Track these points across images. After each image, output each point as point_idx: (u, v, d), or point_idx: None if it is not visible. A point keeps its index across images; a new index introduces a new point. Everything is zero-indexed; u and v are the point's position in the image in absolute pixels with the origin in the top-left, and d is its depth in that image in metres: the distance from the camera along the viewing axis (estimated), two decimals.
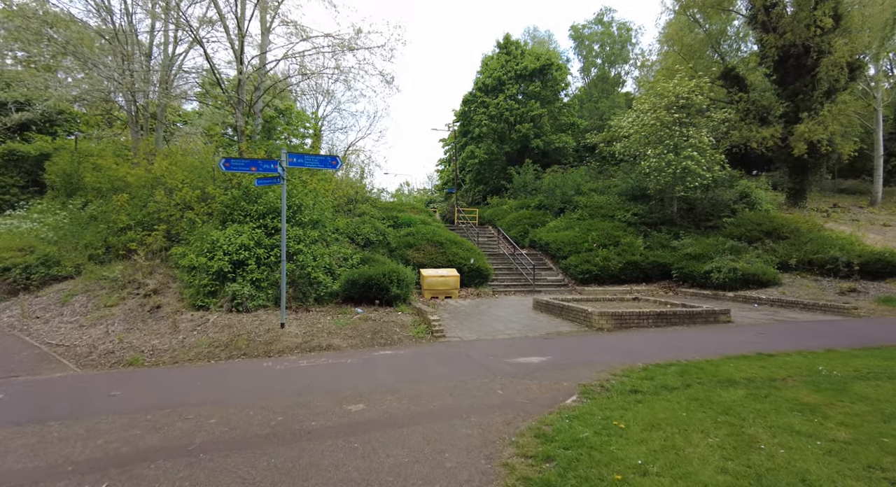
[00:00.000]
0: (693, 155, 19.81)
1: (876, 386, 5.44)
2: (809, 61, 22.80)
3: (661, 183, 20.63)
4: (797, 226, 18.75)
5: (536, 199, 25.75)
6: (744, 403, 4.84)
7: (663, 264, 18.27)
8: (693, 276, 17.18)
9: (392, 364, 7.66)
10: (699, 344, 8.67)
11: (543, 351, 8.31)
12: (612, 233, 19.83)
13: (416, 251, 16.90)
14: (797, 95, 23.25)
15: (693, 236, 19.80)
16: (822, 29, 22.06)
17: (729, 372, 6.20)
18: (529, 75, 33.87)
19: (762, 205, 21.16)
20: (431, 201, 46.09)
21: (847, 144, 23.03)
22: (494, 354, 8.13)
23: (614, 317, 10.73)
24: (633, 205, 22.52)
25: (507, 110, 32.79)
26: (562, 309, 12.18)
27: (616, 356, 7.79)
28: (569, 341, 9.30)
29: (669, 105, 21.11)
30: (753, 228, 18.87)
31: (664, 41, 30.12)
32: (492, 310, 13.36)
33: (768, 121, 23.66)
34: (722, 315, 11.40)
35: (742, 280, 15.87)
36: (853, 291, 14.50)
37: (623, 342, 9.10)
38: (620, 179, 25.15)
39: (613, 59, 44.89)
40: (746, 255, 17.19)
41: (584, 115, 38.61)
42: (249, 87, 18.40)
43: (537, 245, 21.24)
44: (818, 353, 7.49)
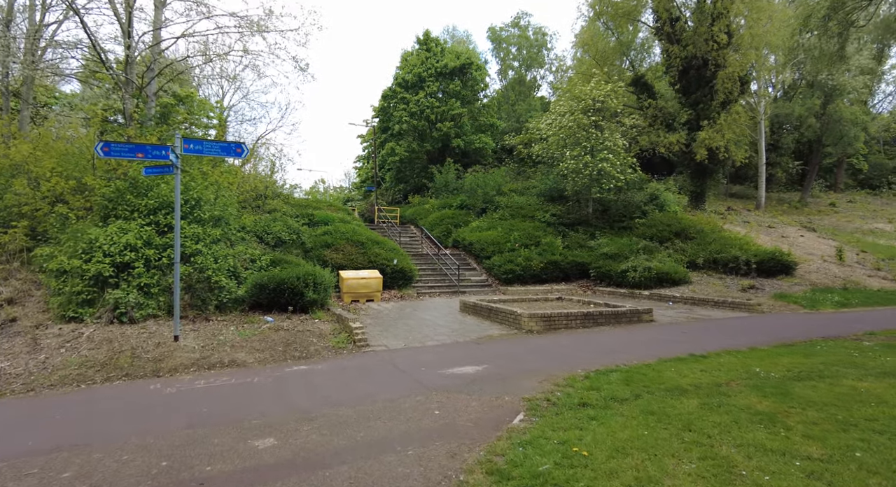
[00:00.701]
0: (608, 157, 20.40)
1: (812, 387, 5.39)
2: (708, 73, 24.48)
3: (579, 184, 21.07)
4: (702, 228, 19.93)
5: (458, 199, 25.41)
6: (701, 416, 4.51)
7: (582, 263, 18.58)
8: (610, 275, 17.59)
9: (309, 381, 6.67)
10: (631, 346, 8.53)
11: (478, 358, 7.71)
12: (533, 234, 19.89)
13: (335, 251, 15.74)
14: (698, 104, 24.88)
15: (608, 236, 20.39)
16: (718, 44, 23.75)
17: (672, 378, 5.94)
18: (450, 74, 33.57)
19: (670, 207, 22.35)
20: (349, 199, 44.46)
21: (740, 151, 25.04)
22: (426, 364, 7.40)
23: (543, 319, 10.43)
24: (551, 205, 22.85)
25: (428, 108, 32.23)
26: (490, 311, 11.72)
27: (553, 362, 7.37)
28: (501, 346, 8.79)
29: (587, 108, 21.61)
30: (663, 229, 19.78)
31: (579, 46, 31.11)
32: (418, 314, 12.62)
33: (674, 128, 25.12)
34: (645, 314, 11.53)
35: (656, 278, 16.46)
36: (752, 288, 15.52)
37: (556, 345, 8.75)
38: (539, 180, 25.51)
39: (530, 62, 45.99)
40: (658, 255, 17.91)
41: (503, 117, 39.07)
42: (141, 67, 16.17)
43: (461, 245, 20.84)
44: (745, 352, 7.57)
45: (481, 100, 35.85)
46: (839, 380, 5.61)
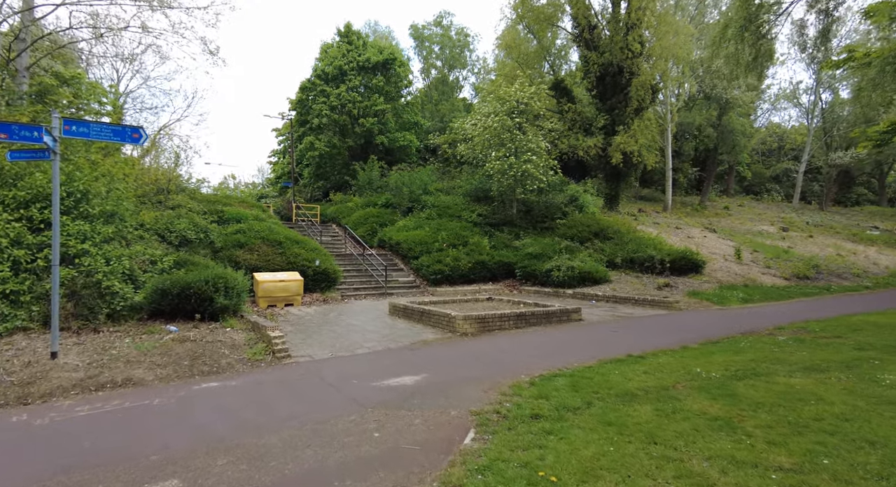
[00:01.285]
0: (532, 159, 20.70)
1: (752, 386, 5.46)
2: (623, 80, 25.71)
3: (504, 185, 21.18)
4: (618, 228, 20.79)
5: (383, 197, 24.66)
6: (660, 424, 4.31)
7: (508, 263, 18.65)
8: (535, 275, 17.78)
9: (222, 402, 5.78)
10: (568, 347, 8.41)
11: (414, 366, 7.17)
12: (461, 233, 19.68)
13: (249, 252, 14.46)
14: (614, 110, 26.05)
15: (532, 236, 20.68)
16: (633, 53, 25.01)
17: (620, 382, 5.78)
18: (373, 68, 32.64)
19: (589, 209, 23.14)
20: (263, 196, 41.96)
21: (651, 157, 26.56)
22: (357, 376, 6.73)
23: (478, 321, 10.10)
24: (478, 205, 22.81)
25: (350, 102, 31.10)
26: (422, 314, 11.22)
27: (494, 367, 7.01)
28: (438, 351, 8.32)
29: (511, 110, 21.79)
30: (583, 229, 20.39)
31: (502, 48, 31.48)
32: (344, 318, 11.81)
33: (591, 132, 26.11)
34: (574, 313, 11.60)
35: (579, 277, 16.83)
36: (667, 286, 16.32)
37: (494, 348, 8.43)
38: (465, 181, 25.43)
39: (453, 62, 46.08)
40: (580, 254, 18.38)
41: (426, 116, 38.75)
42: (8, 37, 13.86)
43: (387, 244, 20.13)
44: (679, 351, 7.68)
45: (405, 98, 35.29)
46: (773, 378, 5.74)
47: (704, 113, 34.28)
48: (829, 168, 44.46)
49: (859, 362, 6.39)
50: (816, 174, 49.52)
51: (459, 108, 38.93)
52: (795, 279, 18.78)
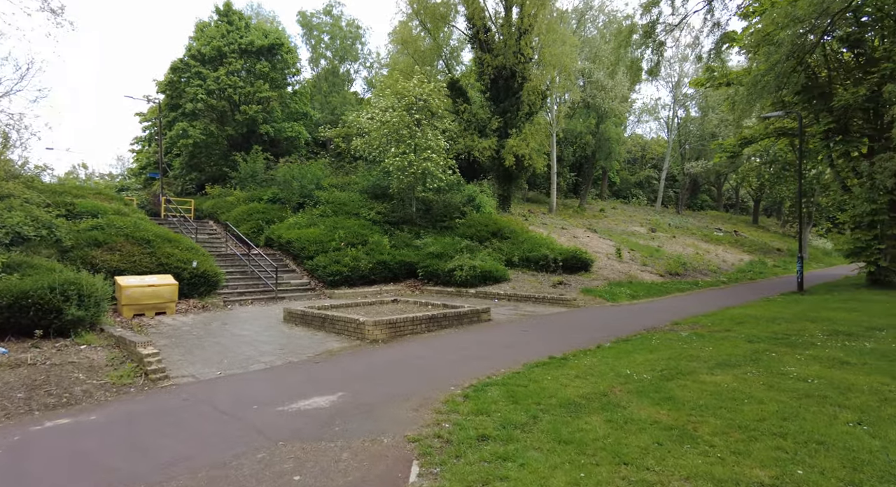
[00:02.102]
0: (432, 157, 20.35)
1: (683, 386, 5.47)
2: (516, 84, 26.47)
3: (404, 182, 20.57)
4: (514, 228, 21.25)
5: (270, 192, 22.69)
6: (619, 439, 4.01)
7: (410, 263, 18.08)
8: (438, 274, 17.43)
9: (76, 446, 4.45)
10: (487, 351, 8.04)
11: (326, 384, 6.26)
12: (360, 232, 18.68)
13: (110, 252, 12.19)
14: (507, 113, 26.71)
15: (432, 236, 20.34)
16: (525, 57, 25.87)
17: (556, 390, 5.48)
18: (257, 52, 30.08)
19: (486, 209, 23.41)
20: (124, 188, 36.77)
21: (540, 160, 27.71)
22: (258, 399, 5.68)
23: (389, 326, 9.38)
24: (376, 203, 21.92)
25: (231, 87, 28.30)
26: (324, 321, 10.19)
27: (418, 379, 6.37)
28: (348, 363, 7.45)
29: (410, 105, 21.26)
30: (482, 229, 20.52)
31: (397, 43, 30.83)
32: (231, 328, 10.34)
33: (486, 134, 26.50)
34: (484, 314, 11.37)
35: (481, 277, 16.80)
36: (562, 284, 16.91)
37: (411, 356, 7.78)
38: (361, 177, 24.34)
39: (343, 54, 44.35)
40: (480, 254, 18.41)
41: (316, 107, 36.77)
42: None
43: (276, 243, 18.44)
44: (596, 351, 7.67)
45: (293, 86, 33.08)
46: (697, 376, 5.84)
47: (585, 121, 36.73)
48: (683, 176, 50.42)
49: (759, 355, 6.83)
50: (673, 181, 55.82)
51: (352, 102, 37.54)
52: (668, 275, 20.65)
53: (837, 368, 6.00)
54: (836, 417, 4.31)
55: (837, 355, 6.62)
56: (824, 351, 6.94)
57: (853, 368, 5.99)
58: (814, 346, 7.29)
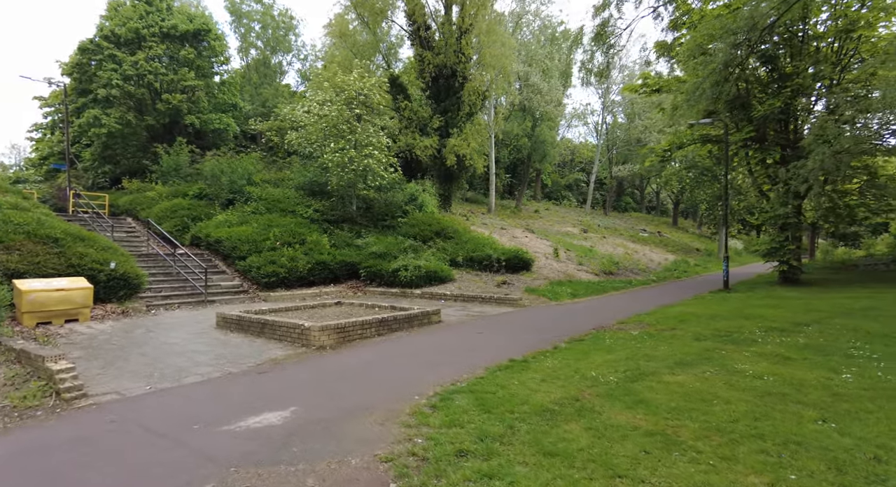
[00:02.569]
0: (374, 154, 19.82)
1: (651, 388, 5.47)
2: (457, 84, 26.43)
3: (344, 179, 19.85)
4: (457, 228, 21.15)
5: (196, 187, 21.12)
6: (605, 449, 3.86)
7: (351, 263, 17.45)
8: (381, 275, 16.93)
9: None
10: (445, 355, 7.76)
11: (275, 397, 5.71)
12: (297, 231, 17.76)
13: (6, 251, 10.69)
14: (448, 112, 26.59)
15: (374, 235, 19.79)
16: (466, 57, 25.89)
17: (526, 395, 5.30)
18: (181, 38, 27.94)
19: (428, 208, 23.13)
20: (21, 180, 32.94)
21: (480, 160, 27.85)
22: (199, 418, 5.05)
23: (336, 331, 8.85)
24: (313, 200, 21.01)
25: (151, 73, 26.09)
26: (263, 326, 9.46)
27: (377, 388, 5.97)
28: (296, 373, 6.89)
29: (350, 100, 20.58)
30: (425, 228, 20.23)
31: (335, 36, 29.86)
32: (157, 336, 9.35)
33: (427, 133, 26.24)
34: (434, 315, 11.08)
35: (426, 277, 16.51)
36: (505, 283, 16.99)
37: (363, 363, 7.34)
38: (297, 172, 23.23)
39: (276, 45, 42.38)
40: (425, 253, 18.13)
41: (246, 99, 34.86)
42: None
43: (204, 242, 17.12)
44: (555, 352, 7.61)
45: (221, 76, 31.12)
46: (661, 377, 5.88)
47: (521, 124, 37.45)
48: (611, 179, 52.84)
49: (710, 354, 7.04)
50: (600, 184, 58.35)
51: (285, 95, 35.93)
52: (603, 274, 21.41)
53: (783, 364, 6.29)
54: (801, 415, 4.42)
55: (779, 351, 6.97)
56: (766, 347, 7.30)
57: (796, 364, 6.30)
58: (756, 343, 7.66)
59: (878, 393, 5.06)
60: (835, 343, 7.42)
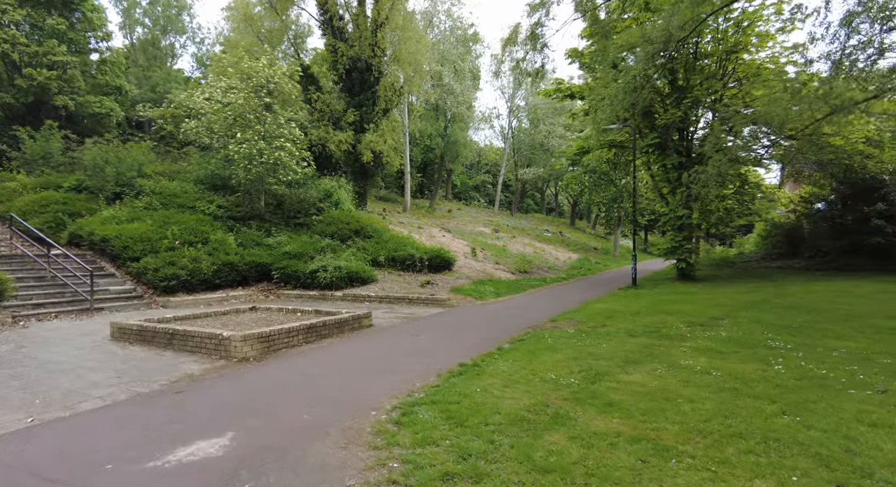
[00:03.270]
0: (286, 146, 18.57)
1: (614, 389, 5.43)
2: (372, 78, 25.66)
3: (252, 173, 18.33)
4: (376, 227, 20.48)
5: (74, 178, 18.33)
6: (599, 461, 3.65)
7: (262, 264, 16.13)
8: (297, 276, 15.83)
9: None
10: (387, 361, 7.25)
11: (206, 421, 4.86)
12: (199, 229, 16.05)
13: None
14: (362, 107, 25.72)
15: (287, 233, 18.54)
16: (382, 51, 25.23)
17: (492, 403, 5.00)
18: (46, 3, 24.22)
19: (344, 205, 22.16)
20: None
21: (397, 158, 27.30)
22: (109, 454, 4.12)
23: (261, 340, 7.96)
24: (216, 195, 19.18)
25: (7, 42, 22.28)
26: (171, 337, 8.27)
27: (324, 404, 5.33)
28: (223, 390, 6.02)
29: (259, 87, 19.11)
30: (343, 227, 19.33)
31: (237, 19, 27.61)
32: (33, 352, 7.78)
33: (342, 127, 25.15)
34: (365, 319, 10.46)
35: (347, 278, 15.72)
36: (429, 284, 16.69)
37: (299, 375, 6.61)
38: (197, 164, 21.07)
39: (166, 24, 38.44)
40: (344, 253, 17.28)
41: (132, 83, 31.16)
42: None
43: (86, 242, 14.83)
44: (501, 353, 7.41)
45: (101, 53, 27.49)
46: (616, 376, 5.89)
47: (434, 124, 37.46)
48: (516, 182, 54.80)
49: (651, 350, 7.24)
50: (506, 186, 60.34)
51: (178, 80, 32.69)
52: (519, 273, 21.92)
53: (719, 358, 6.61)
54: (762, 410, 4.55)
55: (710, 345, 7.35)
56: (696, 342, 7.67)
57: (730, 357, 6.65)
58: (685, 338, 8.04)
59: (811, 382, 5.43)
60: (751, 336, 8.00)
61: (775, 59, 18.81)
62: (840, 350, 6.83)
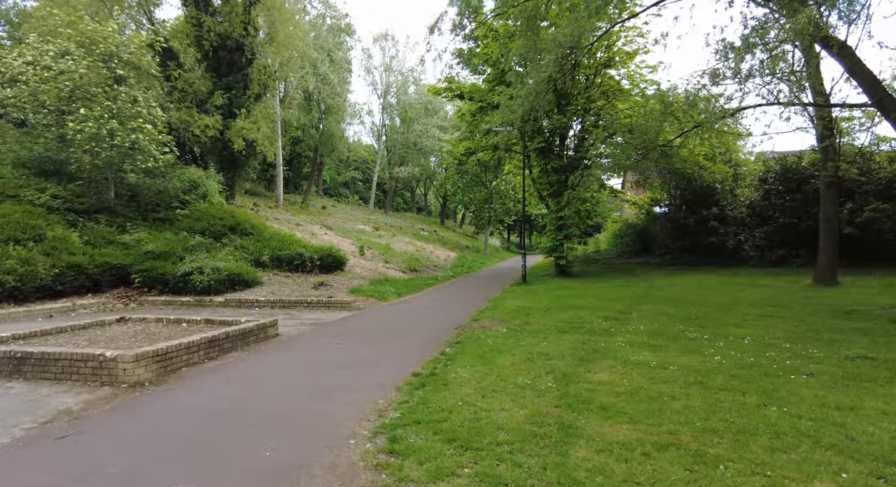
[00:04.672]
0: (146, 127, 15.85)
1: (592, 390, 5.27)
2: (244, 60, 23.21)
3: (102, 158, 15.28)
4: (255, 223, 18.54)
5: None
6: (649, 476, 3.41)
7: (119, 266, 13.52)
8: (165, 280, 13.54)
9: None
10: (325, 377, 6.35)
11: (121, 479, 3.64)
12: (28, 223, 12.86)
13: None
14: (232, 90, 23.11)
15: (146, 230, 15.82)
16: (255, 30, 22.96)
17: (490, 418, 4.53)
18: None
19: (215, 198, 19.62)
20: None
21: (272, 148, 25.03)
22: None
23: (157, 359, 6.46)
24: (48, 183, 15.58)
25: None
26: (20, 362, 6.34)
27: (280, 434, 4.38)
28: (125, 428, 4.66)
29: (107, 57, 16.04)
30: (216, 223, 17.08)
31: None
32: None
33: (208, 110, 22.25)
34: (271, 328, 9.19)
35: (228, 281, 13.88)
36: (324, 285, 15.50)
37: (222, 400, 5.44)
38: (18, 145, 16.87)
39: None
40: (221, 253, 15.27)
41: None
42: None
43: None
44: (449, 359, 6.92)
45: None
46: (583, 377, 5.79)
47: (308, 115, 35.31)
48: (391, 180, 54.36)
49: (590, 345, 7.31)
50: (380, 184, 59.59)
51: None
52: (410, 271, 21.57)
53: (660, 352, 6.87)
54: (744, 403, 4.67)
55: (640, 339, 7.67)
56: (625, 336, 7.97)
57: (667, 350, 6.94)
58: (612, 333, 8.31)
59: (752, 371, 5.74)
60: (667, 328, 8.58)
61: (631, 76, 20.91)
62: (747, 337, 7.63)
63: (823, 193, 14.61)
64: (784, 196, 20.68)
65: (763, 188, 21.95)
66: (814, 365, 5.99)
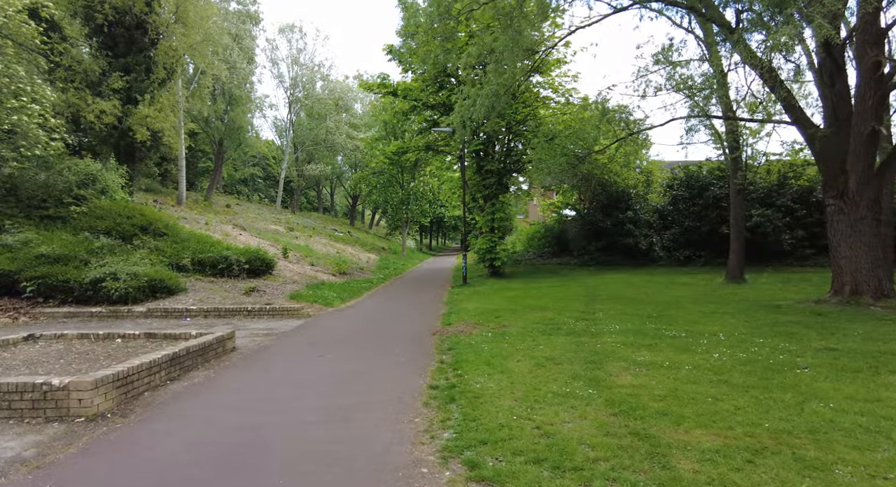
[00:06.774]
0: (34, 108, 13.43)
1: (634, 395, 5.23)
2: (147, 39, 20.65)
3: None
4: (168, 223, 16.48)
5: None
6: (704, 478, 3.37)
7: (5, 274, 11.23)
8: (69, 288, 11.51)
9: None
10: (322, 397, 5.66)
11: None
12: None
13: None
14: (131, 72, 20.44)
15: (31, 230, 13.37)
16: (161, 6, 20.56)
17: (558, 433, 4.26)
18: None
19: (117, 194, 17.12)
20: None
21: (179, 139, 22.52)
22: None
23: (118, 385, 5.35)
24: None
25: None
26: None
27: (322, 467, 3.76)
28: (110, 478, 3.73)
29: None
30: (123, 222, 14.90)
31: None
32: None
33: (104, 94, 19.37)
34: (228, 341, 8.12)
35: (149, 288, 12.14)
36: (256, 290, 14.16)
37: (224, 429, 4.60)
38: None
39: None
40: (133, 256, 13.36)
41: None
42: None
43: None
44: (452, 368, 6.52)
45: None
46: (611, 381, 5.74)
47: (213, 105, 32.41)
48: (299, 179, 51.79)
49: (587, 347, 7.25)
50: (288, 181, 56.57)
51: None
52: (340, 274, 20.54)
53: (658, 351, 6.89)
54: (784, 401, 4.72)
55: (629, 339, 7.74)
56: (613, 337, 8.02)
57: (662, 350, 6.98)
58: (597, 334, 8.29)
59: (755, 367, 5.98)
60: (643, 327, 8.79)
61: (553, 84, 21.74)
62: (719, 334, 8.09)
63: (733, 199, 16.27)
64: (689, 202, 22.82)
65: (670, 194, 24.05)
66: (800, 359, 6.47)
